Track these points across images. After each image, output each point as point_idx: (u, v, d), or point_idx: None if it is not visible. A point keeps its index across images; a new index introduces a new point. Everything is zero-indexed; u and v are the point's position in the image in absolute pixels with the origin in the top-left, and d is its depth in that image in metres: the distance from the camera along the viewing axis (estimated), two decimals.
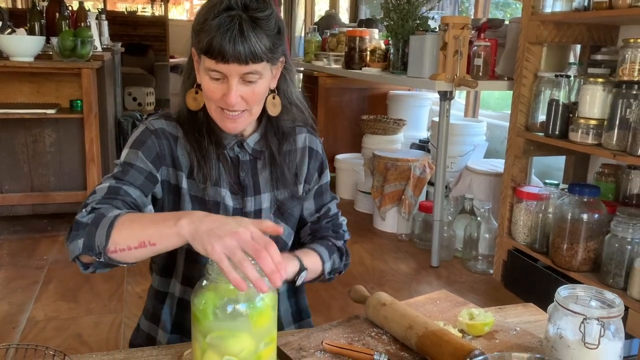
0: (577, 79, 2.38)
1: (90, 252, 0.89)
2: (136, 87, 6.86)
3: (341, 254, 1.19)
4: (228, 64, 0.95)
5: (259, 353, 0.80)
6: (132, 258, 0.89)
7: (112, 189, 0.99)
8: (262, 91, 1.03)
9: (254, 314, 0.78)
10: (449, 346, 0.91)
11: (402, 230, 3.39)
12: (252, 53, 0.95)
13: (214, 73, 0.98)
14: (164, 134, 1.07)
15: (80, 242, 0.90)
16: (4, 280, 2.64)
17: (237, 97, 0.99)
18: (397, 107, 4.40)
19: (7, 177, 3.21)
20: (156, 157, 1.05)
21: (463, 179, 3.22)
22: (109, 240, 0.87)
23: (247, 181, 1.10)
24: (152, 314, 1.20)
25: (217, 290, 0.78)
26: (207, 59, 0.97)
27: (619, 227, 2.07)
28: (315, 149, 1.18)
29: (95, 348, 2.08)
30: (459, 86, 2.68)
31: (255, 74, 0.99)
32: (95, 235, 0.88)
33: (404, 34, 3.16)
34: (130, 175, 1.02)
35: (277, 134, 1.12)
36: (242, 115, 1.03)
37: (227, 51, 0.94)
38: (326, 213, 1.21)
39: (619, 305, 0.88)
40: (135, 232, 0.87)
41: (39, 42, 3.10)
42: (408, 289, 2.70)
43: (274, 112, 1.09)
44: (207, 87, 1.01)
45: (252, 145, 1.11)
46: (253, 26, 0.95)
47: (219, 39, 0.94)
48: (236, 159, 1.10)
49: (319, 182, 1.19)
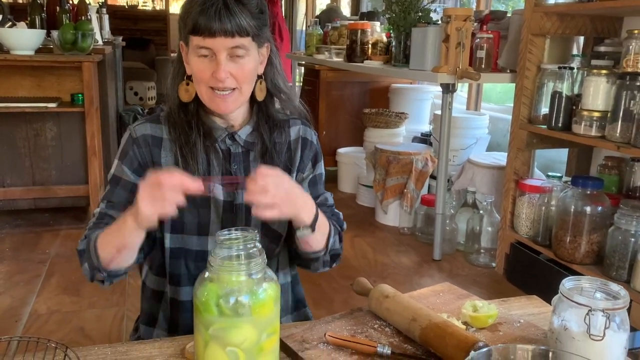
0: (580, 70, 2.37)
1: (96, 271, 1.02)
2: (137, 82, 6.85)
3: (340, 238, 1.17)
4: (215, 37, 0.99)
5: (262, 344, 0.79)
6: (124, 262, 1.00)
7: (100, 215, 1.09)
8: (251, 69, 1.05)
9: (256, 305, 0.78)
10: (452, 338, 0.90)
11: (404, 223, 3.38)
12: (238, 25, 0.99)
13: (203, 50, 1.01)
14: (146, 140, 1.09)
15: (87, 266, 1.04)
16: (6, 274, 2.64)
17: (226, 73, 1.01)
18: (399, 100, 4.39)
19: (9, 171, 3.20)
20: (138, 167, 1.10)
21: (465, 172, 3.21)
22: (99, 259, 1.00)
23: (239, 173, 1.10)
24: (149, 316, 1.21)
25: (219, 281, 0.78)
26: (195, 38, 1.00)
27: (623, 219, 2.07)
28: (310, 139, 1.18)
29: (98, 341, 2.09)
30: (462, 78, 2.67)
31: (242, 49, 1.01)
32: (91, 258, 1.01)
33: (406, 27, 3.14)
34: (116, 194, 1.09)
35: (268, 123, 1.13)
36: (233, 94, 1.04)
37: (212, 25, 0.98)
38: (324, 202, 1.20)
39: (624, 297, 0.87)
40: (108, 244, 0.98)
41: (40, 36, 3.09)
42: (410, 282, 2.70)
43: (260, 97, 1.11)
44: (196, 68, 1.03)
45: (244, 137, 1.11)
46: (237, 2, 1.00)
47: (205, 15, 0.98)
48: (227, 152, 1.10)
49: (313, 172, 1.19)
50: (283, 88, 1.14)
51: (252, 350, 0.79)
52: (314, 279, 2.58)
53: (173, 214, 0.89)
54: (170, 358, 0.92)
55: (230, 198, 1.10)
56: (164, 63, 7.83)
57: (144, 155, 1.09)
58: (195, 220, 1.09)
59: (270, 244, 1.14)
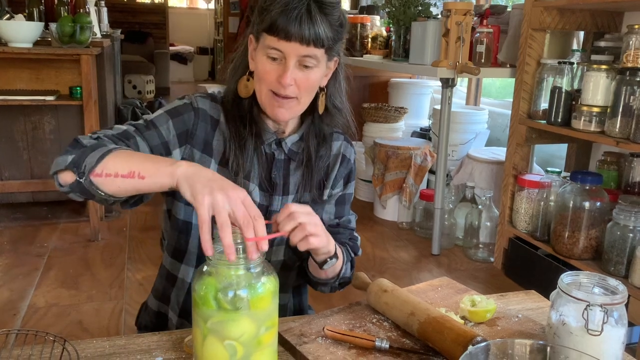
0: (580, 66, 2.36)
1: (75, 169, 0.89)
2: (136, 75, 6.84)
3: (352, 265, 1.18)
4: (290, 42, 0.96)
5: (260, 337, 0.79)
6: (114, 187, 0.88)
7: (126, 134, 1.00)
8: (315, 80, 1.02)
9: (255, 298, 0.78)
10: (450, 333, 0.90)
11: (402, 218, 3.38)
12: (316, 35, 0.96)
13: (274, 52, 0.98)
14: (205, 116, 1.06)
15: (70, 158, 0.90)
16: (5, 267, 2.64)
17: (291, 80, 0.99)
18: (399, 94, 4.38)
19: (7, 165, 3.20)
20: (184, 134, 1.04)
21: (464, 167, 3.21)
22: (99, 163, 0.87)
23: (278, 180, 1.09)
24: (162, 294, 1.18)
25: (217, 275, 0.78)
26: (269, 37, 0.97)
27: (621, 215, 2.07)
28: (348, 157, 1.18)
29: (96, 334, 2.09)
30: (461, 73, 2.66)
31: (313, 59, 0.99)
32: (88, 156, 0.89)
33: (406, 21, 3.13)
34: (149, 134, 1.02)
35: (317, 137, 1.11)
36: (291, 102, 1.02)
37: (291, 28, 0.95)
38: (346, 224, 1.21)
39: (623, 292, 0.87)
40: (129, 162, 0.87)
41: (38, 28, 3.08)
42: (409, 276, 2.70)
43: (320, 110, 1.09)
44: (262, 68, 1.00)
45: (290, 145, 1.10)
46: (320, 10, 0.96)
47: (285, 17, 0.95)
48: (271, 156, 1.09)
49: (343, 191, 1.19)
50: (340, 106, 1.12)
51: (250, 344, 0.79)
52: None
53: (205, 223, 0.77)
54: (169, 351, 0.92)
55: (267, 203, 1.09)
56: (162, 56, 7.81)
57: (198, 127, 1.05)
58: None
59: (294, 255, 1.14)
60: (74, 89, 3.15)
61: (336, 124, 1.14)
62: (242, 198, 0.78)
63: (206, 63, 10.02)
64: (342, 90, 1.12)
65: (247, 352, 0.79)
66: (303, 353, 0.92)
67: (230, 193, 0.77)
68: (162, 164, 0.85)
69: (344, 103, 1.13)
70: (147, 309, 1.23)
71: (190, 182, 0.79)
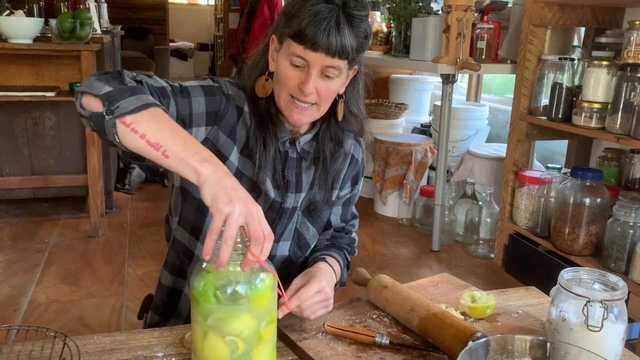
0: (581, 62, 2.36)
1: (106, 103, 0.83)
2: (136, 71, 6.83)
3: (348, 268, 1.23)
4: (316, 52, 0.95)
5: (260, 332, 0.80)
6: (134, 145, 0.83)
7: (163, 90, 0.97)
8: (335, 89, 1.03)
9: (254, 294, 0.78)
10: (451, 328, 0.91)
11: (403, 214, 3.38)
12: (342, 47, 0.95)
13: (298, 59, 0.97)
14: (233, 102, 1.06)
15: (107, 88, 0.84)
16: (6, 264, 2.64)
17: (313, 88, 0.99)
18: (399, 91, 4.37)
19: (7, 161, 3.20)
20: (213, 114, 1.04)
21: (465, 163, 3.21)
22: (133, 113, 0.82)
23: (291, 177, 1.10)
24: (180, 268, 1.16)
25: (216, 272, 0.78)
26: (295, 44, 0.96)
27: (622, 211, 2.07)
28: (357, 158, 1.18)
29: (97, 330, 2.09)
30: (462, 69, 2.66)
31: (335, 70, 0.99)
32: (125, 99, 0.83)
33: (407, 17, 3.12)
34: (181, 100, 1.00)
35: (332, 141, 1.12)
36: (311, 108, 1.02)
37: (319, 39, 0.94)
38: (350, 229, 1.24)
39: (623, 288, 0.87)
40: (161, 131, 0.82)
41: (38, 24, 3.07)
42: (409, 272, 2.70)
43: (340, 117, 1.09)
44: (284, 74, 1.00)
45: (302, 144, 1.11)
46: (348, 22, 0.96)
47: (314, 26, 0.94)
48: (284, 154, 1.10)
49: (351, 192, 1.21)
50: (357, 113, 1.13)
51: (251, 339, 0.79)
52: None
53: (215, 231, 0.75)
54: (169, 347, 0.92)
55: (281, 199, 1.10)
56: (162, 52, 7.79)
57: (228, 111, 1.05)
58: None
59: (298, 250, 1.16)
60: (75, 85, 3.15)
61: (352, 130, 1.15)
62: (258, 214, 0.78)
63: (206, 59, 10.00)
64: (359, 97, 1.12)
65: (248, 348, 0.79)
66: (303, 349, 0.92)
67: (249, 206, 0.77)
68: (192, 153, 0.80)
69: (361, 110, 1.13)
70: (160, 286, 1.21)
71: (215, 188, 0.77)
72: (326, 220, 1.20)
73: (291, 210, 1.12)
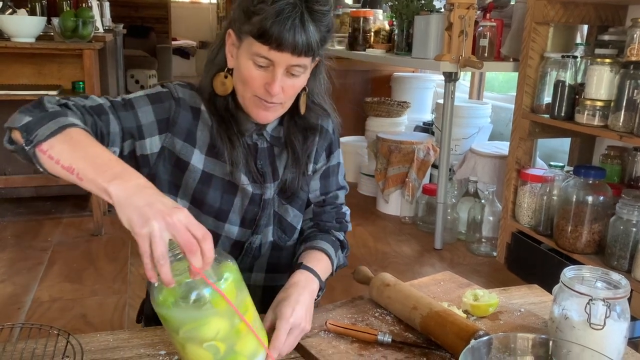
0: (583, 59, 2.35)
1: (24, 134, 0.82)
2: (138, 70, 6.83)
3: (342, 247, 1.17)
4: (282, 52, 0.92)
5: (237, 327, 0.79)
6: (54, 171, 0.82)
7: (100, 109, 0.94)
8: (301, 86, 1.01)
9: (216, 296, 0.76)
10: (453, 327, 0.91)
11: (405, 212, 3.38)
12: (308, 45, 0.92)
13: (262, 60, 0.94)
14: (186, 105, 1.04)
15: (26, 119, 0.84)
16: (9, 262, 2.65)
17: (279, 88, 0.96)
18: (401, 89, 4.37)
19: (10, 160, 3.20)
20: (164, 121, 1.01)
21: (467, 161, 3.20)
22: (49, 139, 0.81)
23: (266, 168, 1.08)
24: None
25: (170, 288, 0.74)
26: (258, 44, 0.92)
27: (624, 209, 2.06)
28: (326, 128, 1.14)
29: (100, 328, 2.10)
30: (464, 67, 2.65)
31: (301, 68, 0.96)
32: (43, 126, 0.82)
33: (409, 15, 3.12)
34: (125, 114, 0.97)
35: (294, 118, 1.09)
36: (276, 107, 1.00)
37: (285, 39, 0.90)
38: (332, 200, 1.19)
39: (625, 287, 0.87)
40: (74, 154, 0.80)
41: (40, 23, 3.07)
42: (411, 271, 2.70)
43: (303, 110, 1.07)
44: (248, 74, 0.96)
45: (271, 132, 1.09)
46: (312, 18, 0.93)
47: (278, 26, 0.90)
48: (254, 147, 1.08)
49: (326, 164, 1.17)
50: (322, 104, 1.11)
51: (229, 337, 0.79)
52: None
53: (145, 255, 0.71)
54: (172, 345, 0.92)
55: (260, 191, 1.08)
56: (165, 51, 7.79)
57: (183, 117, 1.02)
58: (216, 204, 1.06)
59: (283, 234, 1.14)
60: (77, 84, 3.15)
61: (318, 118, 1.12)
62: (183, 221, 0.72)
63: None
64: (322, 88, 1.10)
65: (229, 345, 0.79)
66: (306, 347, 0.92)
67: (168, 219, 0.71)
68: (101, 172, 0.77)
69: (325, 99, 1.11)
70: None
71: (127, 211, 0.72)
72: (306, 198, 1.16)
73: (273, 201, 1.10)
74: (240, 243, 1.10)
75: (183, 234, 0.71)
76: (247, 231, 1.10)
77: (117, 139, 0.96)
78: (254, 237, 1.10)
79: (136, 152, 1.01)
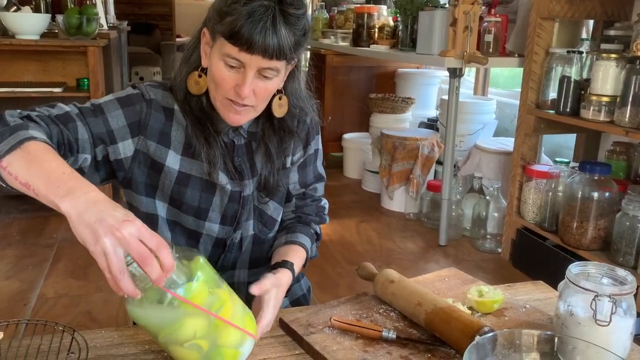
0: (589, 55, 2.34)
1: None
2: (143, 67, 6.84)
3: (317, 239, 1.19)
4: (252, 54, 0.91)
5: (214, 323, 0.79)
6: (16, 187, 0.81)
7: (66, 117, 0.94)
8: (273, 89, 0.99)
9: (188, 298, 0.76)
10: (458, 323, 0.90)
11: (410, 209, 3.38)
12: (280, 48, 0.91)
13: (233, 61, 0.93)
14: (158, 106, 1.03)
15: None
16: (15, 258, 2.66)
17: (250, 90, 0.94)
18: (406, 85, 4.36)
19: None
20: (136, 124, 1.00)
21: (472, 157, 3.19)
22: (7, 154, 0.79)
23: (243, 165, 1.08)
24: None
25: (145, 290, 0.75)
26: (229, 45, 0.91)
27: (630, 205, 2.05)
28: (303, 119, 1.13)
29: (105, 325, 2.11)
30: (469, 63, 2.64)
31: (273, 71, 0.95)
32: (4, 141, 0.80)
33: (413, 10, 3.10)
34: (94, 120, 0.96)
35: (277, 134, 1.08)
36: (247, 110, 0.99)
37: (255, 41, 0.89)
38: (312, 193, 1.19)
39: (631, 283, 0.87)
40: (30, 169, 0.78)
41: (45, 20, 3.08)
42: (415, 267, 2.70)
43: (279, 113, 1.05)
44: (218, 75, 0.95)
45: (247, 127, 1.08)
46: (285, 21, 0.91)
47: (249, 27, 0.89)
48: (231, 144, 1.07)
49: (304, 154, 1.16)
50: (302, 105, 1.09)
51: (209, 334, 0.79)
52: (319, 263, 2.59)
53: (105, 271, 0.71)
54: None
55: (239, 188, 1.07)
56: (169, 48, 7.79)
57: (154, 119, 1.01)
58: (194, 203, 1.06)
59: (264, 227, 1.14)
60: (81, 81, 3.16)
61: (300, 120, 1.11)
62: (134, 233, 0.70)
63: None
64: (301, 89, 1.09)
65: (211, 341, 0.79)
66: (310, 343, 0.92)
67: (117, 234, 0.70)
68: (54, 188, 0.76)
69: (305, 100, 1.10)
70: None
71: (79, 229, 0.72)
72: (286, 191, 1.15)
73: (253, 197, 1.10)
74: (223, 240, 1.11)
75: (134, 247, 0.70)
76: (228, 228, 1.10)
77: (87, 145, 0.96)
78: (236, 234, 1.11)
79: (110, 157, 1.00)
